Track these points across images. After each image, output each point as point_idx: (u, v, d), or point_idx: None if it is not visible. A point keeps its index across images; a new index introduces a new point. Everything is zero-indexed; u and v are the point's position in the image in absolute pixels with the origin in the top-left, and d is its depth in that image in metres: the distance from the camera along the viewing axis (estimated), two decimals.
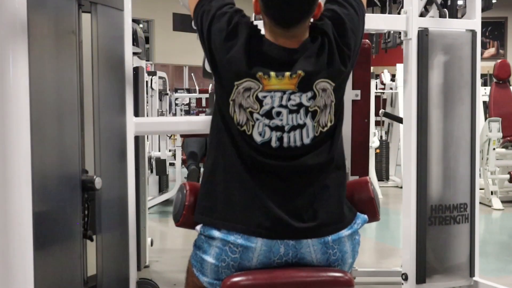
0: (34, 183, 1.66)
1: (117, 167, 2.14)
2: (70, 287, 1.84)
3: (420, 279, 2.60)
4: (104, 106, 2.01)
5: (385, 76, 7.88)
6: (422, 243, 2.60)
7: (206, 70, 3.21)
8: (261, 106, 1.63)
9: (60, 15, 1.81)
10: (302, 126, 1.65)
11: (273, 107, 1.63)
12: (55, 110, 1.79)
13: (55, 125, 1.79)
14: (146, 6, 11.41)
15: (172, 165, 6.90)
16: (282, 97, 1.63)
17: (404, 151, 2.92)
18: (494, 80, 6.57)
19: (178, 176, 5.86)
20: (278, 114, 1.63)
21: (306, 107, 1.64)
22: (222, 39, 1.67)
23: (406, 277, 2.62)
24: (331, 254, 1.66)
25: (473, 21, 2.70)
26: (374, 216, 1.83)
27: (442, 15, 2.73)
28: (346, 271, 1.69)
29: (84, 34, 1.91)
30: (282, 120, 1.64)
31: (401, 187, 5.00)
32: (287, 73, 1.62)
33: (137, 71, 3.15)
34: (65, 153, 1.82)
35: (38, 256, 1.67)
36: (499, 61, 6.80)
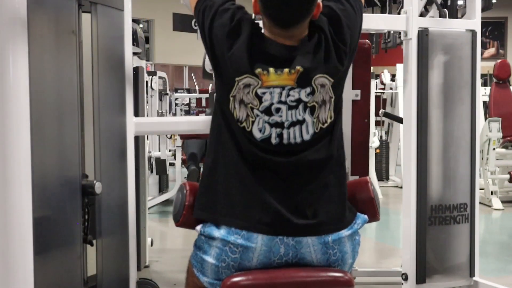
0: (34, 187, 1.65)
1: (117, 168, 2.14)
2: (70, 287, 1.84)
3: (420, 279, 2.60)
4: (104, 106, 2.01)
5: (385, 76, 7.88)
6: (422, 243, 2.60)
7: (206, 71, 3.22)
8: (260, 103, 1.63)
9: (60, 15, 1.81)
10: (301, 122, 1.65)
11: (272, 103, 1.63)
12: (55, 110, 1.79)
13: (55, 125, 1.79)
14: (146, 6, 11.42)
15: (172, 165, 6.89)
16: (281, 93, 1.63)
17: (404, 151, 2.92)
18: (494, 80, 6.56)
19: (178, 176, 5.86)
20: (278, 110, 1.64)
21: (305, 103, 1.64)
22: (225, 35, 1.67)
23: (406, 277, 2.62)
24: (331, 254, 1.66)
25: (473, 21, 2.70)
26: (374, 216, 1.83)
27: (442, 15, 2.73)
28: (346, 271, 1.69)
29: (84, 34, 1.91)
30: (281, 116, 1.64)
31: (401, 187, 5.00)
32: (286, 69, 1.62)
33: (137, 71, 3.15)
34: (65, 156, 1.82)
35: (38, 260, 1.67)
36: (499, 61, 6.80)
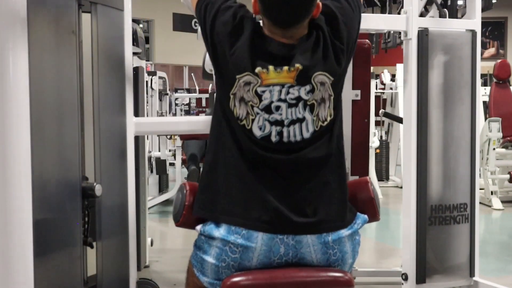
0: (34, 189, 1.65)
1: (117, 168, 2.14)
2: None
3: (420, 279, 2.60)
4: (104, 106, 2.01)
5: (385, 76, 7.88)
6: (422, 243, 2.59)
7: (206, 71, 3.21)
8: (260, 101, 1.63)
9: (60, 15, 1.81)
10: (301, 120, 1.65)
11: (272, 101, 1.63)
12: (55, 110, 1.79)
13: (55, 126, 1.79)
14: (146, 6, 11.42)
15: (172, 165, 6.89)
16: (281, 91, 1.63)
17: (404, 151, 2.92)
18: (494, 80, 6.56)
19: (178, 176, 5.86)
20: (277, 108, 1.64)
21: (305, 101, 1.64)
22: (227, 33, 1.67)
23: (406, 277, 2.62)
24: (331, 254, 1.66)
25: (473, 21, 2.70)
26: (374, 216, 1.83)
27: (442, 15, 2.73)
28: (346, 271, 1.69)
29: (84, 34, 1.91)
30: (281, 114, 1.64)
31: (401, 187, 4.99)
32: (285, 67, 1.62)
33: (137, 71, 3.15)
34: (65, 156, 1.82)
35: (38, 261, 1.67)
36: (499, 61, 6.80)
